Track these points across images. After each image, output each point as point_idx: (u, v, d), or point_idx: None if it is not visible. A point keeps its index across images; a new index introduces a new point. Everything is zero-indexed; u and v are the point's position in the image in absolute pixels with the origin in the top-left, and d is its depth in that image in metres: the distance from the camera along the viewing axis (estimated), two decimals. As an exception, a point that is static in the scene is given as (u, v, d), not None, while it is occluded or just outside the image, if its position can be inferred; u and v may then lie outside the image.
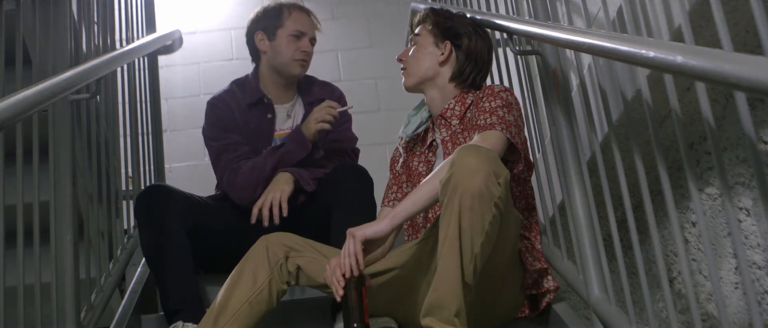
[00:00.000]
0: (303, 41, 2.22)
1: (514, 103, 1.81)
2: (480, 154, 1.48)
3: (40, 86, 1.50)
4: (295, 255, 1.76)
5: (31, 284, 1.67)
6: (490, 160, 1.48)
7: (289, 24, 2.22)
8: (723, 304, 1.21)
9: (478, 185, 1.44)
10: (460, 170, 1.47)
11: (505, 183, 1.49)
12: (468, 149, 1.50)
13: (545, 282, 1.77)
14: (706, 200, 1.67)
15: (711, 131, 1.19)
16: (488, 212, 1.46)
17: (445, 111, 1.89)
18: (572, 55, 1.80)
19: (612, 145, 1.54)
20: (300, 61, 2.22)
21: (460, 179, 1.46)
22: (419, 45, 1.96)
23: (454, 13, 2.00)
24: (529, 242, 1.81)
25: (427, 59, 1.93)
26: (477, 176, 1.45)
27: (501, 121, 1.73)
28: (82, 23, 2.16)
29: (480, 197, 1.45)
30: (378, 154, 3.28)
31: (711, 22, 1.16)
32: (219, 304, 1.72)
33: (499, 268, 1.65)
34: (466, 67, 1.92)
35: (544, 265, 1.76)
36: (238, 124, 2.22)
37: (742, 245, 1.15)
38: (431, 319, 1.48)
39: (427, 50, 1.94)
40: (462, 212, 1.45)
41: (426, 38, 1.95)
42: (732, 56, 0.96)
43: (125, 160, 2.50)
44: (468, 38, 1.93)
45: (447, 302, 1.46)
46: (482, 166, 1.46)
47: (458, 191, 1.46)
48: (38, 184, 1.72)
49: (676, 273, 1.89)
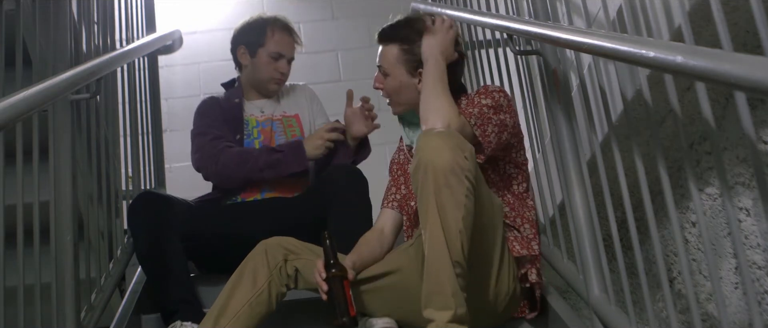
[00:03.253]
0: (281, 62, 2.34)
1: (505, 105, 1.79)
2: (441, 133, 1.55)
3: (40, 86, 1.50)
4: (294, 258, 1.78)
5: (31, 284, 1.67)
6: (452, 136, 1.54)
7: (271, 45, 2.34)
8: (723, 304, 1.21)
9: (447, 160, 1.49)
10: (426, 152, 1.51)
11: (471, 156, 1.53)
12: (428, 133, 1.57)
13: (530, 275, 1.77)
14: (706, 200, 1.67)
15: (711, 131, 1.19)
16: (461, 185, 1.49)
17: None
18: (572, 55, 1.80)
19: (612, 145, 1.54)
20: (276, 80, 2.37)
21: (428, 160, 1.50)
22: (392, 77, 1.88)
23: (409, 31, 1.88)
24: (518, 233, 1.80)
25: (408, 91, 1.87)
26: (443, 152, 1.50)
27: (479, 115, 1.74)
28: (82, 23, 2.16)
29: (451, 171, 1.48)
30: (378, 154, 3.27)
31: (711, 22, 1.15)
32: (219, 306, 1.73)
33: (489, 250, 1.65)
34: None
35: (531, 253, 1.75)
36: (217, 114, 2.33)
37: (742, 245, 1.15)
38: (430, 310, 1.48)
39: (403, 83, 1.87)
40: (437, 189, 1.48)
41: (397, 69, 1.87)
42: (732, 56, 0.96)
43: (125, 160, 2.50)
44: None
45: (441, 285, 1.47)
46: (446, 142, 1.51)
47: (429, 171, 1.49)
48: (38, 184, 1.72)
49: (676, 273, 1.89)
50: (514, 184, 1.86)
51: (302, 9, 4.12)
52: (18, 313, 1.61)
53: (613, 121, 1.64)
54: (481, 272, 1.66)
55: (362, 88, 3.99)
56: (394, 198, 1.97)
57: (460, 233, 1.48)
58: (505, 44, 2.17)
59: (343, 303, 1.63)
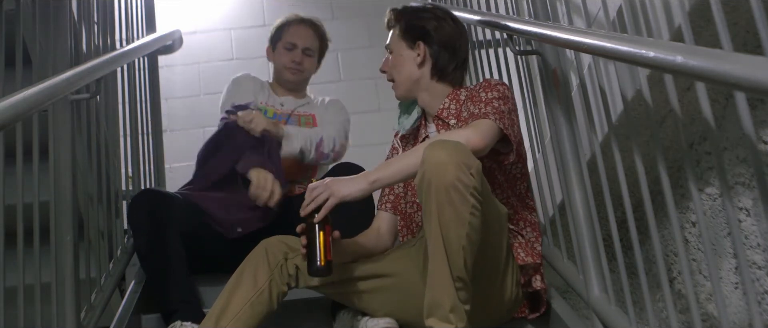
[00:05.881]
0: (295, 52, 2.48)
1: (510, 97, 1.80)
2: (448, 147, 1.50)
3: (40, 86, 1.50)
4: (293, 256, 1.78)
5: (31, 284, 1.67)
6: (459, 151, 1.50)
7: (286, 37, 2.50)
8: (723, 304, 1.21)
9: (451, 177, 1.46)
10: (430, 166, 1.49)
11: (477, 173, 1.50)
12: (435, 145, 1.52)
13: (534, 281, 1.77)
14: (706, 200, 1.67)
15: (711, 131, 1.19)
16: (466, 203, 1.47)
17: (441, 111, 1.87)
18: (572, 55, 1.80)
19: (612, 145, 1.54)
20: (290, 69, 2.48)
21: (432, 175, 1.48)
22: (395, 53, 1.93)
23: (417, 8, 1.97)
24: (522, 239, 1.80)
25: (407, 65, 1.90)
26: (448, 168, 1.47)
27: (495, 111, 1.72)
28: (82, 23, 2.16)
29: (454, 188, 1.46)
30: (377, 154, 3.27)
31: (711, 22, 1.15)
32: (220, 306, 1.73)
33: (495, 262, 1.65)
34: (442, 58, 1.88)
35: (535, 260, 1.76)
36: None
37: (742, 245, 1.15)
38: (433, 319, 1.49)
39: (403, 56, 1.91)
40: (440, 206, 1.47)
41: (398, 44, 1.92)
42: (732, 56, 0.96)
43: (125, 160, 2.50)
44: (435, 29, 1.89)
45: (441, 299, 1.48)
46: (452, 158, 1.48)
47: (433, 187, 1.47)
48: (38, 184, 1.72)
49: (676, 273, 1.89)
50: (517, 183, 1.86)
51: (302, 9, 4.11)
52: (18, 313, 1.61)
53: (613, 121, 1.64)
54: (487, 284, 1.66)
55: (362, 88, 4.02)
56: (388, 199, 1.96)
57: (463, 249, 1.47)
58: (505, 44, 2.17)
59: (315, 248, 1.60)
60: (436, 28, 1.89)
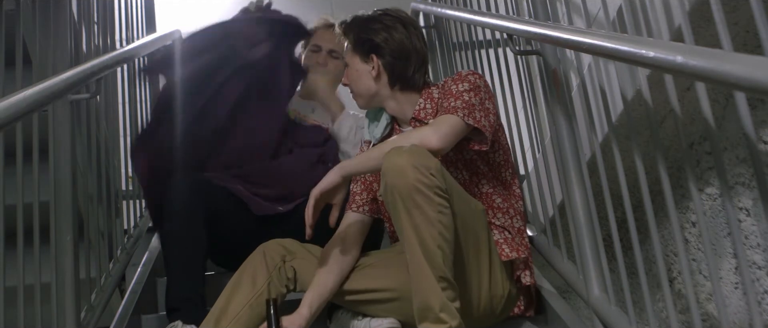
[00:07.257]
0: (320, 54, 2.52)
1: (482, 86, 1.77)
2: (402, 152, 1.53)
3: (40, 86, 1.50)
4: (291, 258, 1.79)
5: (31, 284, 1.67)
6: (414, 154, 1.52)
7: (313, 40, 2.57)
8: (723, 304, 1.21)
9: (411, 180, 1.49)
10: (390, 174, 1.52)
11: (438, 172, 1.52)
12: (392, 152, 1.55)
13: (523, 278, 1.76)
14: (706, 200, 1.67)
15: (711, 131, 1.19)
16: (432, 203, 1.49)
17: (418, 113, 1.83)
18: (572, 55, 1.80)
19: (612, 145, 1.54)
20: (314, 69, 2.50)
21: (393, 182, 1.51)
22: (350, 67, 1.90)
23: (365, 19, 1.91)
24: (508, 233, 1.77)
25: (363, 78, 1.87)
26: (406, 172, 1.49)
27: (465, 105, 1.70)
28: (82, 23, 2.16)
29: (417, 191, 1.49)
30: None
31: (711, 22, 1.16)
32: (219, 307, 1.73)
33: (477, 259, 1.65)
34: (397, 67, 1.84)
35: (520, 255, 1.73)
36: None
37: (742, 245, 1.15)
38: (426, 324, 1.50)
39: (359, 70, 1.88)
40: (408, 211, 1.49)
41: (353, 58, 1.89)
42: (732, 56, 0.96)
43: (125, 160, 2.50)
44: (385, 41, 1.85)
45: (429, 302, 1.48)
46: (408, 161, 1.50)
47: (396, 193, 1.50)
48: (38, 184, 1.72)
49: (676, 273, 1.89)
50: (502, 171, 1.84)
51: (302, 9, 4.11)
52: (18, 313, 1.61)
53: (613, 121, 1.64)
54: (471, 280, 1.65)
55: (362, 88, 4.02)
56: (360, 200, 1.90)
57: (439, 248, 1.49)
58: (505, 44, 2.17)
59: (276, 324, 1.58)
60: (386, 40, 1.84)
